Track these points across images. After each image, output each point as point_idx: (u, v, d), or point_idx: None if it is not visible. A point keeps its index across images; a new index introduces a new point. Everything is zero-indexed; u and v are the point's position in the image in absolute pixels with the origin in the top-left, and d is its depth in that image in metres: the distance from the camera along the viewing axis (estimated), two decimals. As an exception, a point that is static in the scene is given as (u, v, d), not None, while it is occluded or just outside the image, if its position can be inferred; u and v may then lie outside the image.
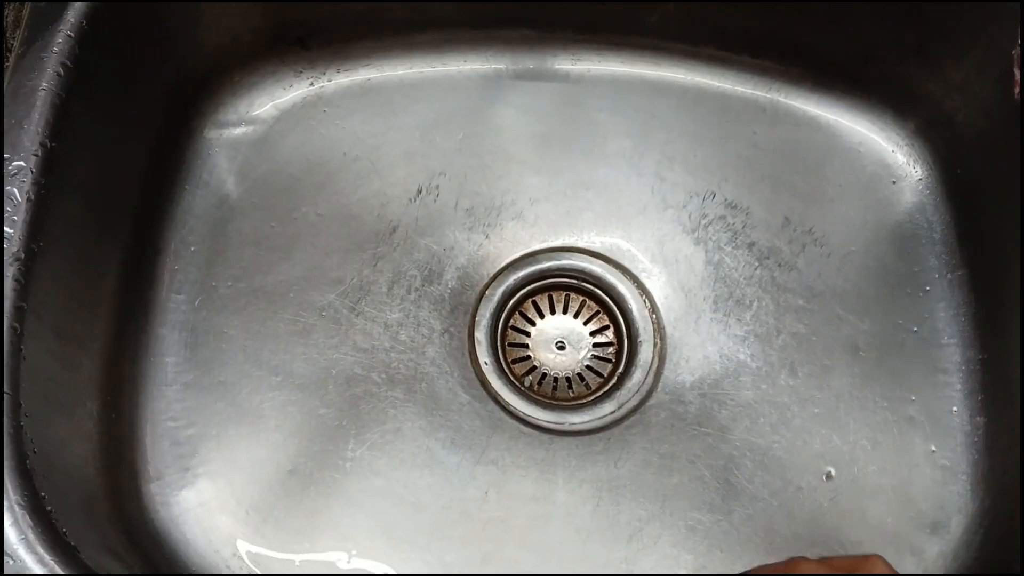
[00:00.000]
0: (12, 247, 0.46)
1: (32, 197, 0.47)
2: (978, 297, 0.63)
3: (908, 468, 0.59)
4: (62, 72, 0.49)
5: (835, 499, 0.59)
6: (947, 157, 0.66)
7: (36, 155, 0.47)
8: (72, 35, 0.50)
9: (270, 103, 0.67)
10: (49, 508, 0.42)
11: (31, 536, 0.41)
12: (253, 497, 0.57)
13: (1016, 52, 0.56)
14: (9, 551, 0.41)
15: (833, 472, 0.59)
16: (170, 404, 0.58)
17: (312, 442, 0.58)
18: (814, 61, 0.67)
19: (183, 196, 0.63)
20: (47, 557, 0.41)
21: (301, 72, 0.67)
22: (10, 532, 0.41)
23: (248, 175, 0.65)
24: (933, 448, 0.60)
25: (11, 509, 0.41)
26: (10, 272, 0.45)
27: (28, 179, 0.47)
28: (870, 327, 0.63)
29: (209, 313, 0.61)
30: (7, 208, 0.46)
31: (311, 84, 0.67)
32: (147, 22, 0.57)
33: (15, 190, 0.46)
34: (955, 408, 0.61)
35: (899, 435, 0.60)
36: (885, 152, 0.67)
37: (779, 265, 0.64)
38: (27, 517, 0.41)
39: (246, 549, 0.56)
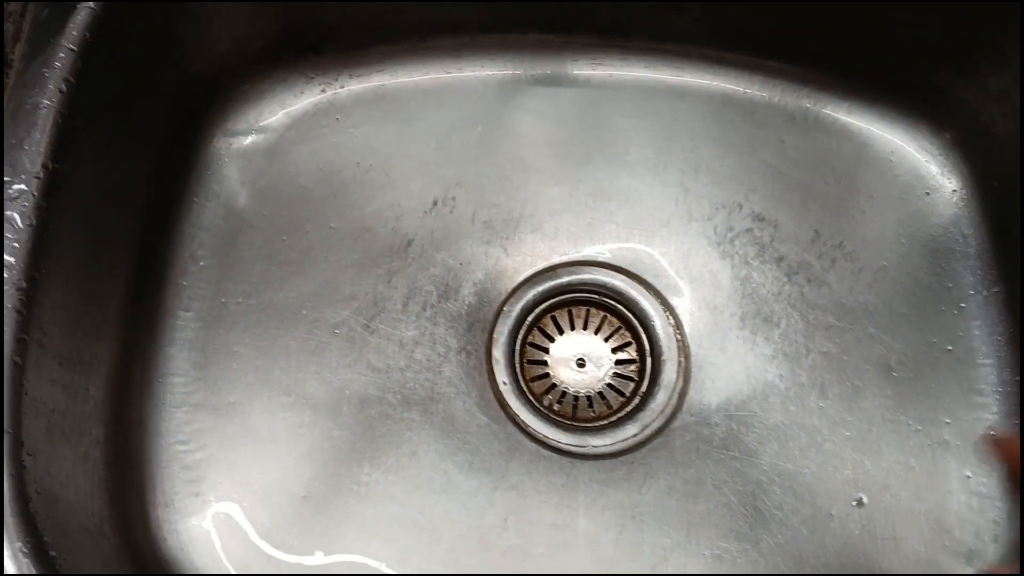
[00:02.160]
0: (13, 276, 0.44)
1: (34, 222, 0.45)
2: (1015, 315, 0.60)
3: (943, 494, 0.57)
4: (64, 88, 0.47)
5: (867, 526, 0.57)
6: (983, 169, 0.63)
7: (38, 177, 0.45)
8: (75, 48, 0.48)
9: (281, 111, 0.64)
10: (52, 553, 0.41)
11: (33, 584, 0.39)
12: (265, 523, 0.55)
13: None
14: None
15: (865, 498, 0.57)
16: (179, 427, 0.56)
17: (326, 466, 0.56)
18: (845, 67, 0.65)
19: (192, 209, 0.61)
20: (49, 606, 0.39)
21: (313, 78, 0.65)
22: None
23: (258, 186, 0.62)
24: (968, 474, 0.58)
25: (14, 556, 0.40)
26: (11, 303, 0.43)
27: (30, 203, 0.45)
28: (903, 346, 0.61)
29: (219, 331, 0.59)
30: (7, 234, 0.44)
31: (323, 91, 0.65)
32: (153, 31, 0.55)
33: (15, 215, 0.44)
34: (991, 432, 0.59)
35: (933, 460, 0.58)
36: (918, 162, 0.65)
37: (808, 281, 0.62)
38: (30, 565, 0.39)
39: (258, 577, 0.54)
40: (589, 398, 0.61)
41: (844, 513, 0.57)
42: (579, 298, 0.62)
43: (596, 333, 0.62)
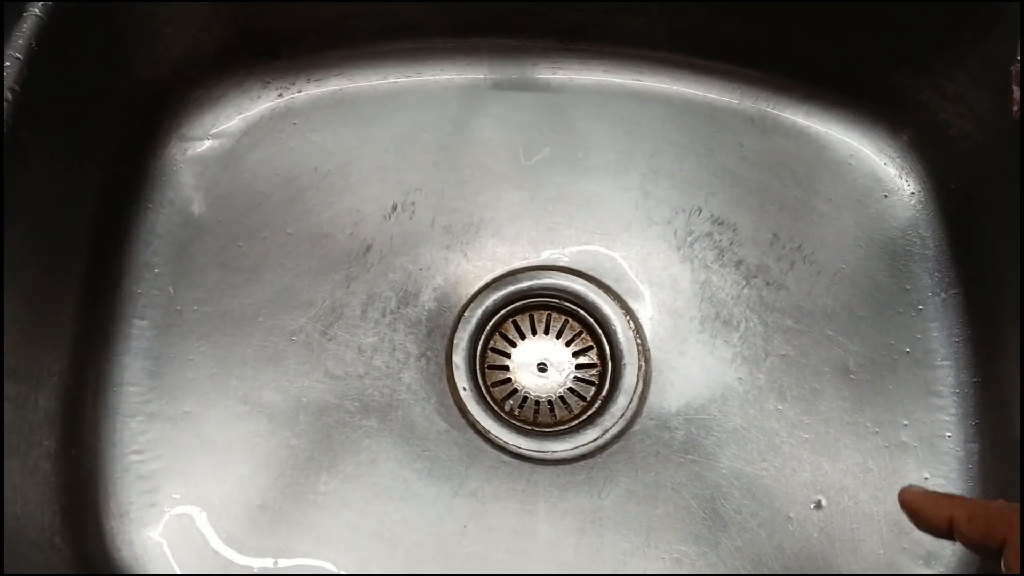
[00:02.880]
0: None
1: (-21, 236, 0.44)
2: (973, 317, 0.61)
3: (900, 496, 0.57)
4: (10, 98, 0.46)
5: (825, 529, 0.57)
6: (941, 171, 0.64)
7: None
8: (20, 57, 0.47)
9: (237, 116, 0.64)
10: (-3, 571, 0.40)
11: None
12: (221, 533, 0.55)
13: (1015, 69, 0.53)
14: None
15: (823, 501, 0.57)
16: (134, 436, 0.56)
17: (283, 475, 0.56)
18: (804, 70, 0.65)
19: (146, 216, 0.60)
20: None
21: (269, 83, 0.64)
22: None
23: (214, 192, 0.62)
24: (926, 475, 0.58)
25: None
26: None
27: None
28: (861, 348, 0.61)
29: (174, 339, 0.58)
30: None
31: (280, 95, 0.64)
32: (104, 37, 0.54)
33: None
34: (949, 433, 0.59)
35: (891, 461, 0.58)
36: (876, 165, 0.65)
37: (767, 284, 0.62)
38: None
39: (214, 588, 0.54)
40: (551, 403, 0.60)
41: (803, 516, 0.57)
42: (540, 303, 0.62)
43: (558, 338, 0.62)
